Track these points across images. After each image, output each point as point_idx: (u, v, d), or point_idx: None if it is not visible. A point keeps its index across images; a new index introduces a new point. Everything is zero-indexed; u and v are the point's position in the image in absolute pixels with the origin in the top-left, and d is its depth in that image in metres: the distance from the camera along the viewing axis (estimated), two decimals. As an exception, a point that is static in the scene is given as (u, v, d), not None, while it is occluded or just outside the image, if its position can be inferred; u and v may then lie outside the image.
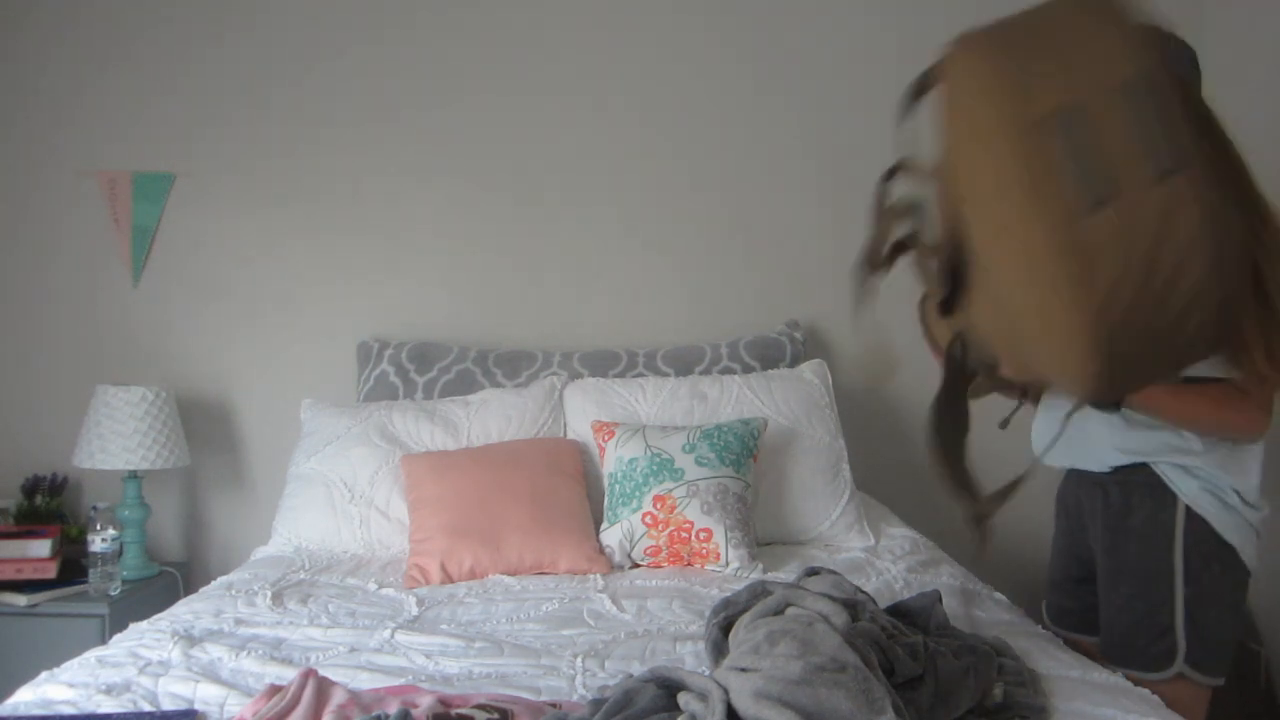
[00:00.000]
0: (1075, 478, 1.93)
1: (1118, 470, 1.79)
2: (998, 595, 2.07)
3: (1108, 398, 1.47)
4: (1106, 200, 1.16)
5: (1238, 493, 1.71)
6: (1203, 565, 1.71)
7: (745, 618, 1.42)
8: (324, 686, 1.43)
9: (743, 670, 1.27)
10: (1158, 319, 1.19)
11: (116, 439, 2.65)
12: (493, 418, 2.67)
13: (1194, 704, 1.72)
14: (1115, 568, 1.79)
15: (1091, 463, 1.83)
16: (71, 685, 1.54)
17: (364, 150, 3.00)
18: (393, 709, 1.32)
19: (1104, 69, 1.19)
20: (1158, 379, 1.47)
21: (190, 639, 1.77)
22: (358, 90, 3.00)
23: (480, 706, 1.34)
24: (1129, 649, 1.76)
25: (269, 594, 2.06)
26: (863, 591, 1.60)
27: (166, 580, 2.78)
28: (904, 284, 3.14)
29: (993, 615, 1.91)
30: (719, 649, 1.46)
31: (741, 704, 1.19)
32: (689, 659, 1.68)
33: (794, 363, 2.86)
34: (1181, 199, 1.15)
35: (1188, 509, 1.72)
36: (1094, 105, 1.18)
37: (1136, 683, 1.60)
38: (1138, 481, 1.76)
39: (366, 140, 3.00)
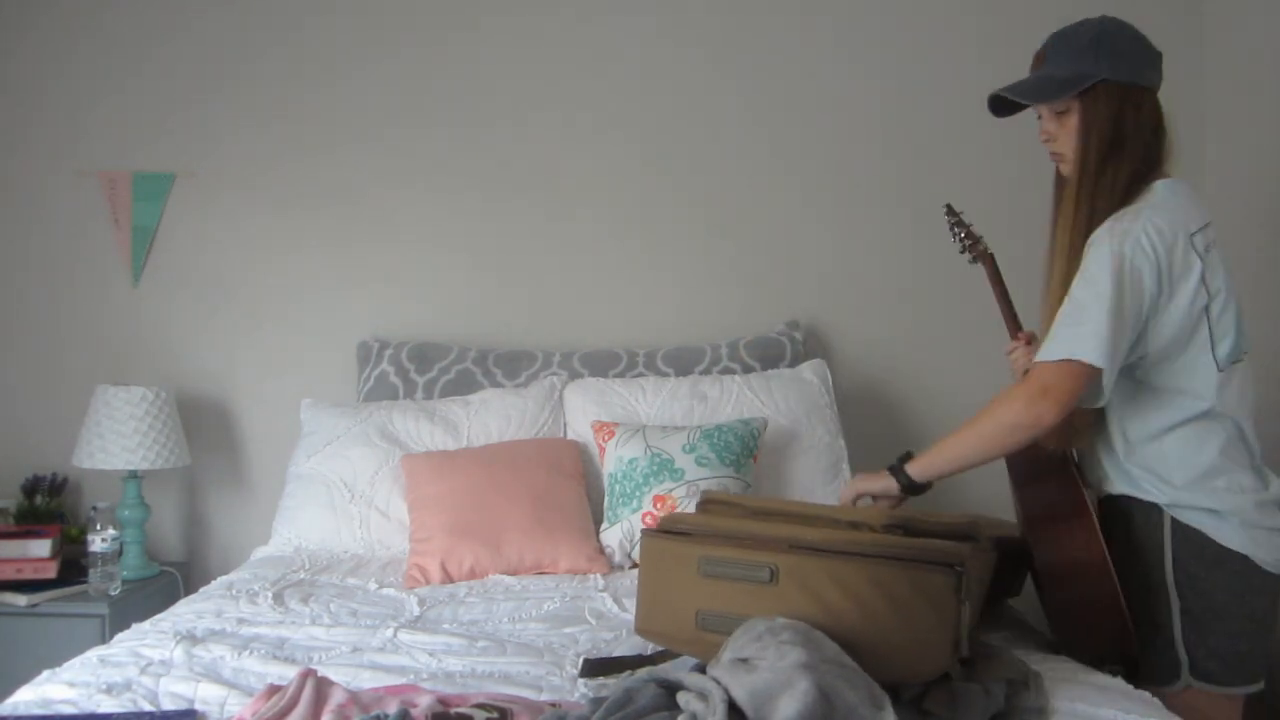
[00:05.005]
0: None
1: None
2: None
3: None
4: None
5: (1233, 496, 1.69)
6: (1202, 575, 1.69)
7: (737, 631, 1.40)
8: (323, 686, 1.43)
9: (744, 660, 1.26)
10: None
11: (116, 439, 2.65)
12: (493, 418, 2.67)
13: (1219, 714, 1.71)
14: (1121, 584, 1.75)
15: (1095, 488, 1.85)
16: (72, 685, 1.54)
17: (364, 151, 2.99)
18: (392, 708, 1.32)
19: None
20: None
21: (193, 638, 1.77)
22: (358, 91, 3.00)
23: (479, 705, 1.34)
24: (1140, 663, 1.75)
25: (270, 594, 2.07)
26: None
27: (166, 580, 2.78)
28: (906, 283, 3.16)
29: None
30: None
31: (742, 696, 1.19)
32: (691, 658, 1.68)
33: (794, 363, 2.86)
34: None
35: (1174, 520, 1.71)
36: None
37: (1157, 694, 1.56)
38: (1130, 498, 1.77)
39: (367, 141, 2.99)
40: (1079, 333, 1.62)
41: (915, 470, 1.81)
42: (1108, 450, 1.79)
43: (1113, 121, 1.69)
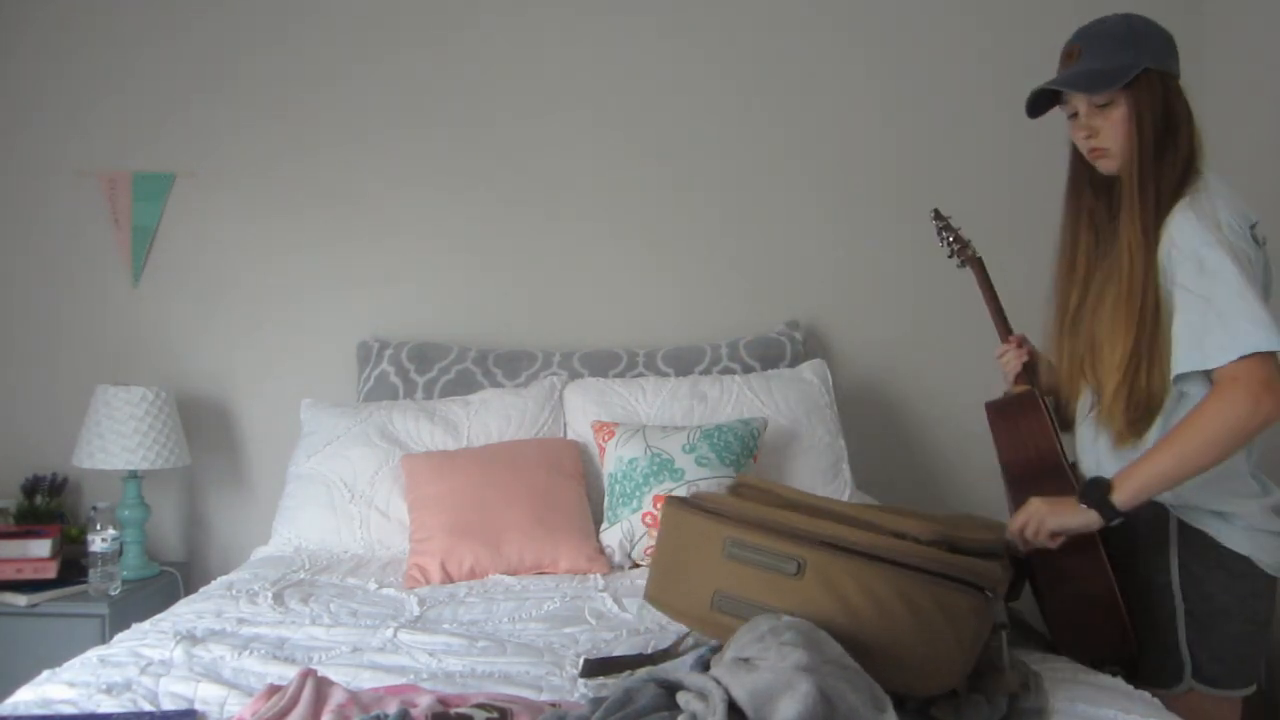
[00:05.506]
0: None
1: None
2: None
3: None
4: None
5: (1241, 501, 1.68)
6: (1207, 578, 1.69)
7: (740, 630, 1.39)
8: (323, 686, 1.43)
9: (745, 660, 1.26)
10: None
11: (116, 439, 2.65)
12: (493, 418, 2.67)
13: (1220, 716, 1.71)
14: (1122, 585, 1.75)
15: None
16: (72, 685, 1.54)
17: (365, 151, 2.99)
18: (392, 708, 1.32)
19: None
20: None
21: (192, 638, 1.77)
22: (358, 91, 3.00)
23: (479, 705, 1.34)
24: (1141, 665, 1.75)
25: (270, 594, 2.06)
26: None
27: (166, 580, 2.78)
28: (905, 283, 3.15)
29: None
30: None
31: (742, 696, 1.19)
32: (691, 658, 1.68)
33: (794, 363, 2.86)
34: None
35: (1181, 522, 1.71)
36: None
37: (1157, 695, 1.55)
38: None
39: (368, 142, 2.99)
40: (1240, 326, 1.53)
41: (1123, 500, 1.63)
42: (1133, 449, 1.73)
43: (1164, 109, 1.68)
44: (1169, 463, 1.60)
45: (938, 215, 2.17)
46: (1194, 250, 1.60)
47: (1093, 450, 1.82)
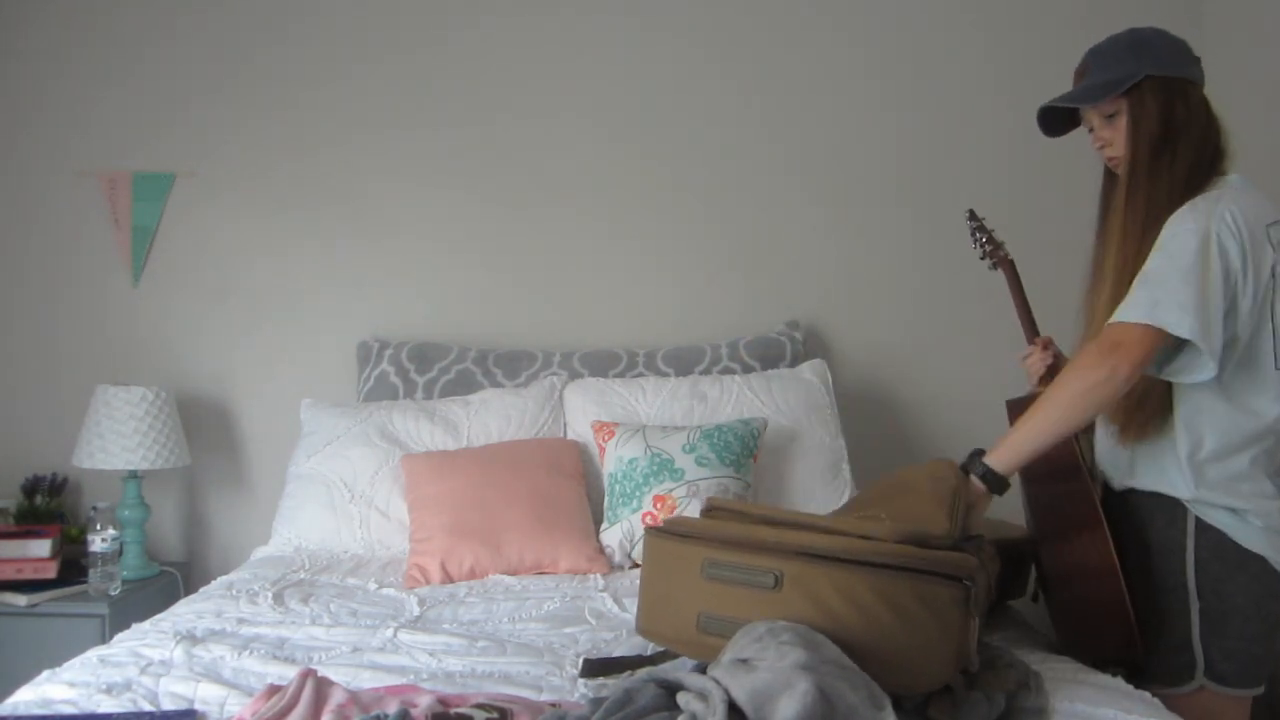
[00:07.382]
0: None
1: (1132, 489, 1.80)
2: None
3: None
4: None
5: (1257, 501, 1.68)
6: (1223, 577, 1.69)
7: (737, 633, 1.39)
8: (323, 686, 1.43)
9: (744, 661, 1.26)
10: None
11: (116, 439, 2.65)
12: (493, 418, 2.67)
13: (1229, 716, 1.71)
14: (1134, 584, 1.75)
15: (1115, 481, 1.84)
16: (72, 685, 1.54)
17: (365, 151, 3.00)
18: (392, 708, 1.32)
19: None
20: None
21: (192, 638, 1.77)
22: (358, 91, 3.00)
23: (479, 705, 1.34)
24: (1152, 663, 1.74)
25: (270, 594, 2.07)
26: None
27: (166, 580, 2.78)
28: (906, 283, 3.15)
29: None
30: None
31: (742, 696, 1.19)
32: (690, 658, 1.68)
33: (794, 363, 2.86)
34: None
35: (1198, 520, 1.70)
36: None
37: (1162, 696, 1.55)
38: (1149, 494, 1.76)
39: (367, 142, 2.99)
40: (1156, 297, 1.59)
41: (997, 461, 1.65)
42: (1135, 444, 1.75)
43: (1161, 114, 1.70)
44: (1040, 423, 1.65)
45: (972, 216, 2.20)
46: (1167, 238, 1.64)
47: (1103, 447, 1.85)
